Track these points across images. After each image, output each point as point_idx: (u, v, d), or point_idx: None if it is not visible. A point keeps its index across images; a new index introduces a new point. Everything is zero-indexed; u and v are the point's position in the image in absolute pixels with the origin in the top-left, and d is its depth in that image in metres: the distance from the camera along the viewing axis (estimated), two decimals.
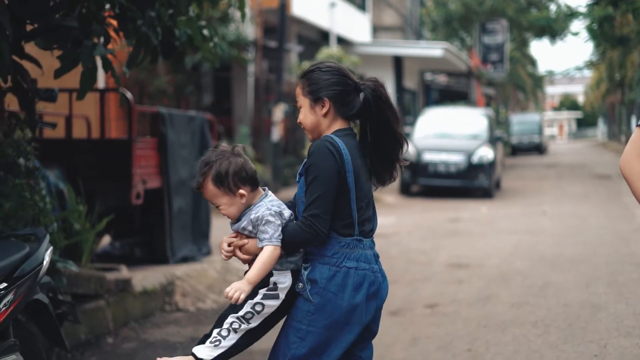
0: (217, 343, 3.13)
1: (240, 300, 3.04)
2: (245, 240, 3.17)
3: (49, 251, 4.19)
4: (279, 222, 3.11)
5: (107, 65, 5.00)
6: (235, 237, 3.20)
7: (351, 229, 3.16)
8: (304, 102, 3.25)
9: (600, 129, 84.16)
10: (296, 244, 3.12)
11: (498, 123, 35.21)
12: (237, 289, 3.03)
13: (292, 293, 3.18)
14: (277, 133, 17.03)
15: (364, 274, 3.15)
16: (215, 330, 3.15)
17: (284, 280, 3.16)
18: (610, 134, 68.26)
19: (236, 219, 3.20)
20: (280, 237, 3.09)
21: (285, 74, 18.32)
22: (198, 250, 8.72)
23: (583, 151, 50.12)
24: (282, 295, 3.16)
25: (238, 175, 3.15)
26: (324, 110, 3.22)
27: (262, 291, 3.15)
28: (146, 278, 7.37)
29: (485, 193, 17.92)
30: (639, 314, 6.62)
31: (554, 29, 43.63)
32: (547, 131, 69.89)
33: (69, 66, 4.74)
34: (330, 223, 3.11)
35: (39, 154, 5.71)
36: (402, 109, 27.39)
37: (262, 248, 3.09)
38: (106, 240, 8.57)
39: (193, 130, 8.69)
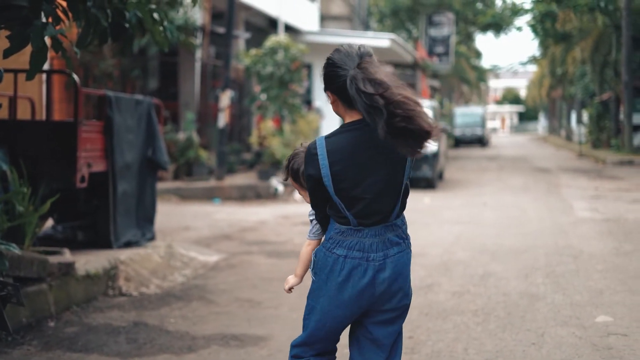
0: None
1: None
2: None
3: None
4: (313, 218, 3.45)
5: (57, 46, 4.94)
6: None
7: (346, 219, 3.22)
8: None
9: (541, 123, 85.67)
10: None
11: (442, 115, 35.58)
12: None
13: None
14: (223, 119, 16.97)
15: (355, 262, 3.19)
16: None
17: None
18: (551, 128, 69.50)
19: None
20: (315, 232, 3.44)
21: (232, 60, 18.26)
22: (142, 235, 8.68)
23: (524, 144, 50.93)
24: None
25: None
26: (332, 103, 3.26)
27: None
28: (89, 262, 7.31)
29: (428, 184, 18.11)
30: (575, 304, 6.79)
31: (499, 24, 44.24)
32: (490, 124, 70.91)
33: (18, 46, 4.67)
34: (330, 211, 3.27)
35: None
36: None
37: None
38: (49, 223, 8.47)
39: (140, 114, 8.62)
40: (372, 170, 3.15)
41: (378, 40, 27.71)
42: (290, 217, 12.87)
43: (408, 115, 2.96)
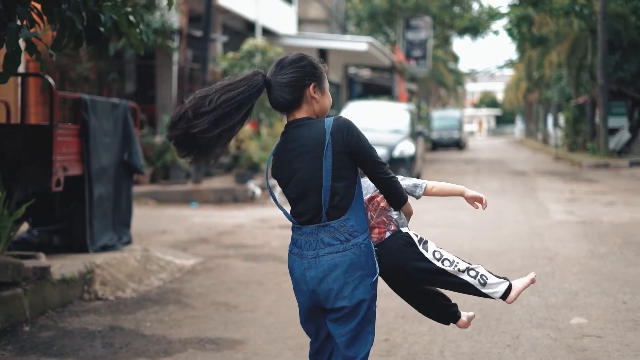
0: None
1: None
2: None
3: None
4: None
5: (32, 49, 4.92)
6: None
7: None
8: None
9: (518, 126, 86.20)
10: None
11: (419, 118, 35.71)
12: None
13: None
14: None
15: (293, 257, 3.39)
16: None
17: None
18: (528, 132, 69.95)
19: None
20: None
21: (210, 63, 18.23)
22: (118, 239, 8.64)
23: (501, 147, 51.19)
24: None
25: None
26: None
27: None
28: (65, 266, 7.27)
29: None
30: (550, 306, 6.84)
31: (476, 28, 44.44)
32: (467, 127, 71.18)
33: None
34: None
35: None
36: None
37: None
38: (24, 227, 8.41)
39: (116, 118, 8.59)
40: (296, 170, 3.30)
41: (356, 43, 27.79)
42: (267, 220, 12.86)
43: None
